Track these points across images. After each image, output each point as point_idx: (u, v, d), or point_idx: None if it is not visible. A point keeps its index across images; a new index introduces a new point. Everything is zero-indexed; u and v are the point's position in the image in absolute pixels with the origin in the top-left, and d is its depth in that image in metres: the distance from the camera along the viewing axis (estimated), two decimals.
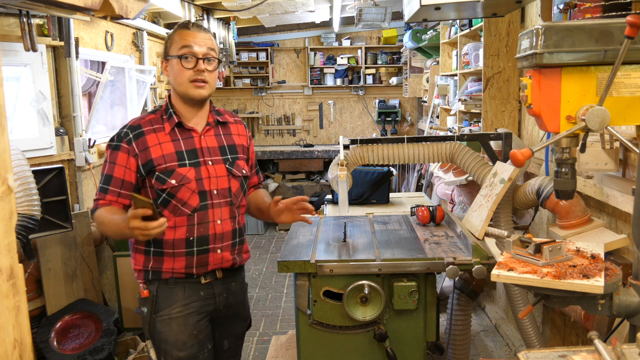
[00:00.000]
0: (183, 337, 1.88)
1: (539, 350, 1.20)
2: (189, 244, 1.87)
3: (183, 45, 1.83)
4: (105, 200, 1.85)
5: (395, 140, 3.12)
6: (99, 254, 3.72)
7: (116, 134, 1.89)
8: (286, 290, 4.90)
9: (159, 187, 1.84)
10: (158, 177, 1.83)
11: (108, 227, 1.80)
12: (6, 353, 0.93)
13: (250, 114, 7.93)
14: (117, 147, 1.86)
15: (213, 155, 1.92)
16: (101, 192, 1.86)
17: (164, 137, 1.87)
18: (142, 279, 1.93)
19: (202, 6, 5.54)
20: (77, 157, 3.62)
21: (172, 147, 1.87)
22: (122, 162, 1.84)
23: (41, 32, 3.28)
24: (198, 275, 1.91)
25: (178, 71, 1.84)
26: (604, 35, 1.41)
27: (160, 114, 1.92)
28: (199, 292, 1.92)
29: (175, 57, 1.84)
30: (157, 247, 1.88)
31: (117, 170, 1.84)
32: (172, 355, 1.89)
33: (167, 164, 1.84)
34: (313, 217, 2.76)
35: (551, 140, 1.53)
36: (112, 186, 1.85)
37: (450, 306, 2.63)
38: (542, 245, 1.56)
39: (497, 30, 3.70)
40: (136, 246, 1.93)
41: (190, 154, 1.88)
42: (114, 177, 1.84)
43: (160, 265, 1.89)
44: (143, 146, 1.84)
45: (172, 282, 1.90)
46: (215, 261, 1.92)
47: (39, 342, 3.05)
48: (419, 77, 6.59)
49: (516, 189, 2.82)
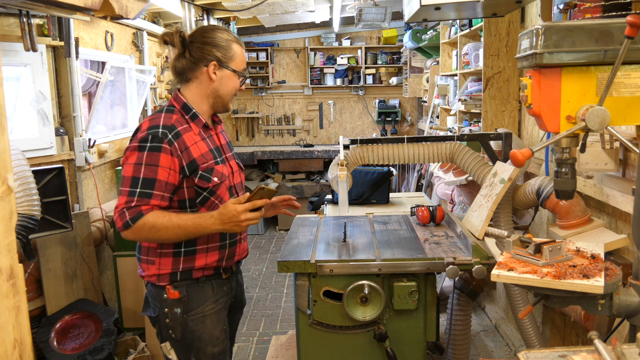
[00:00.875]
0: (216, 332, 1.93)
1: (539, 350, 1.20)
2: (223, 237, 1.93)
3: (244, 68, 1.96)
4: (148, 206, 1.75)
5: (395, 140, 3.13)
6: (99, 254, 3.72)
7: (150, 135, 1.78)
8: (286, 290, 4.90)
9: (204, 185, 1.84)
10: (202, 176, 1.83)
11: (171, 230, 1.74)
12: (6, 353, 0.93)
13: (250, 114, 7.93)
14: (158, 148, 1.76)
15: (227, 152, 2.02)
16: (142, 198, 1.74)
17: (195, 136, 1.88)
18: (167, 281, 1.88)
19: (202, 6, 5.54)
20: (77, 157, 3.62)
21: (206, 146, 1.89)
22: (166, 164, 1.77)
23: (41, 32, 3.28)
24: (225, 269, 1.98)
25: (233, 85, 1.93)
26: (604, 35, 1.41)
27: (180, 113, 1.89)
28: (223, 287, 1.99)
29: (237, 73, 1.92)
30: (190, 246, 1.87)
31: (161, 172, 1.76)
32: (205, 352, 1.91)
33: (207, 162, 1.86)
34: (313, 217, 2.76)
35: (551, 140, 1.53)
36: (156, 190, 1.75)
37: (450, 306, 2.63)
38: (542, 245, 1.56)
39: (497, 30, 3.71)
40: (160, 250, 1.88)
41: (218, 152, 1.94)
42: (158, 180, 1.75)
43: (192, 264, 1.88)
44: (184, 146, 1.81)
45: (202, 281, 1.92)
46: (240, 252, 2.03)
47: (39, 342, 3.05)
48: (419, 77, 6.59)
49: (516, 189, 2.83)
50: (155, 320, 1.96)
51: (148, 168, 1.75)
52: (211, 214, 1.76)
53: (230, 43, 1.89)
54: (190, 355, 1.91)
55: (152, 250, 1.89)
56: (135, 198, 1.74)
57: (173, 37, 1.86)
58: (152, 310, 1.96)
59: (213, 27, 1.94)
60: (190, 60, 1.87)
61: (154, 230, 1.74)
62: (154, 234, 1.75)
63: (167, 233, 1.75)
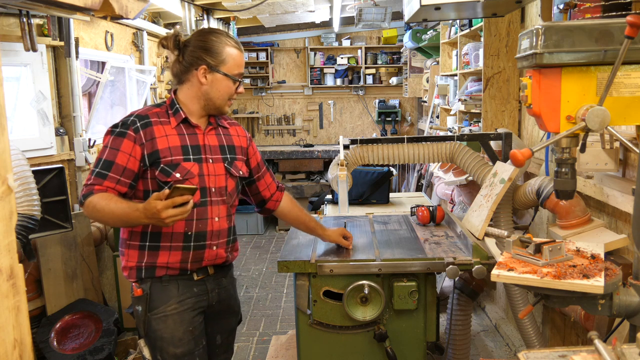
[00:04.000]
0: (179, 333, 1.90)
1: (539, 350, 1.20)
2: (187, 238, 1.89)
3: (239, 72, 1.93)
4: (102, 187, 1.79)
5: (395, 140, 3.13)
6: (99, 254, 3.72)
7: (121, 121, 1.86)
8: (286, 290, 4.90)
9: (163, 179, 1.84)
10: (162, 169, 1.84)
11: (106, 214, 1.76)
12: (6, 353, 0.93)
13: (250, 114, 7.93)
14: (123, 134, 1.82)
15: (214, 153, 1.96)
16: (98, 177, 1.80)
17: (170, 130, 1.88)
18: (134, 277, 1.91)
19: (202, 6, 5.54)
20: (77, 157, 3.62)
21: (178, 141, 1.88)
22: (127, 150, 1.81)
23: (41, 32, 3.28)
24: (191, 271, 1.93)
25: (225, 89, 1.91)
26: (604, 35, 1.41)
27: (165, 108, 1.92)
28: (192, 288, 1.94)
29: (228, 77, 1.90)
30: (154, 241, 1.88)
31: (120, 157, 1.81)
32: (168, 352, 1.89)
33: (172, 157, 1.85)
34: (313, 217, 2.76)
35: (551, 140, 1.53)
36: (112, 172, 1.80)
37: (450, 306, 2.63)
38: (542, 245, 1.56)
39: (497, 30, 3.71)
40: (129, 242, 1.91)
41: (194, 150, 1.91)
42: (116, 163, 1.80)
43: (154, 260, 1.88)
44: (150, 136, 1.84)
45: (166, 280, 1.90)
46: (209, 257, 1.95)
47: (39, 342, 3.05)
48: (419, 77, 6.59)
49: (516, 189, 2.82)
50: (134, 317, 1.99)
51: (110, 151, 1.82)
52: (137, 206, 1.72)
53: (222, 47, 1.88)
54: (156, 353, 1.92)
55: (123, 241, 1.94)
56: (92, 177, 1.81)
57: (169, 42, 1.90)
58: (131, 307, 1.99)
59: (210, 30, 1.94)
60: (183, 63, 1.91)
61: (95, 210, 1.77)
62: (96, 213, 1.78)
63: (105, 216, 1.77)
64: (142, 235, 1.87)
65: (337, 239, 2.19)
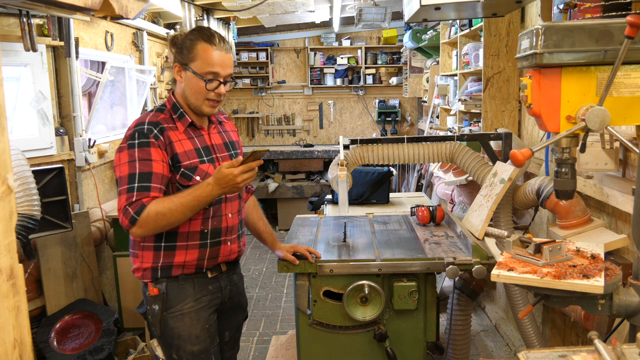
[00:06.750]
0: (196, 331, 1.92)
1: (539, 350, 1.20)
2: (203, 236, 1.91)
3: (210, 70, 1.82)
4: (149, 198, 1.74)
5: (395, 140, 3.13)
6: (99, 254, 3.72)
7: (136, 132, 1.80)
8: (286, 290, 4.90)
9: (185, 183, 1.84)
10: (183, 174, 1.84)
11: (175, 210, 1.73)
12: (6, 353, 0.93)
13: (250, 114, 7.93)
14: (146, 143, 1.78)
15: (221, 151, 1.98)
16: (142, 192, 1.74)
17: (180, 134, 1.88)
18: (149, 278, 1.91)
19: (202, 6, 5.53)
20: (77, 157, 3.62)
21: (191, 144, 1.89)
22: (158, 157, 1.78)
23: (41, 32, 3.28)
24: (207, 269, 1.94)
25: (198, 89, 1.84)
26: (604, 35, 1.41)
27: (169, 113, 1.91)
28: (207, 286, 1.96)
29: (198, 76, 1.82)
30: (169, 241, 1.88)
31: (156, 166, 1.77)
32: (185, 350, 1.90)
33: (190, 161, 1.86)
34: (313, 217, 2.77)
35: (551, 140, 1.53)
36: (153, 182, 1.76)
37: (450, 306, 2.64)
38: (542, 245, 1.56)
39: (497, 30, 3.71)
40: (143, 244, 1.90)
41: (205, 151, 1.92)
42: (154, 173, 1.76)
43: (171, 260, 1.88)
44: (168, 141, 1.83)
45: (182, 279, 1.91)
46: (225, 253, 1.97)
47: (39, 342, 3.05)
48: (419, 77, 6.59)
49: (516, 189, 2.82)
50: (145, 317, 1.98)
51: (142, 163, 1.77)
52: (207, 181, 1.73)
53: (194, 44, 1.83)
54: (172, 352, 1.93)
55: (136, 243, 1.93)
56: (135, 193, 1.74)
57: (169, 42, 1.92)
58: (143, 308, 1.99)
59: (195, 28, 1.93)
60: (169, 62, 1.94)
61: (159, 216, 1.73)
62: (161, 220, 1.74)
63: (174, 215, 1.74)
64: (157, 236, 1.86)
65: (285, 255, 2.09)
